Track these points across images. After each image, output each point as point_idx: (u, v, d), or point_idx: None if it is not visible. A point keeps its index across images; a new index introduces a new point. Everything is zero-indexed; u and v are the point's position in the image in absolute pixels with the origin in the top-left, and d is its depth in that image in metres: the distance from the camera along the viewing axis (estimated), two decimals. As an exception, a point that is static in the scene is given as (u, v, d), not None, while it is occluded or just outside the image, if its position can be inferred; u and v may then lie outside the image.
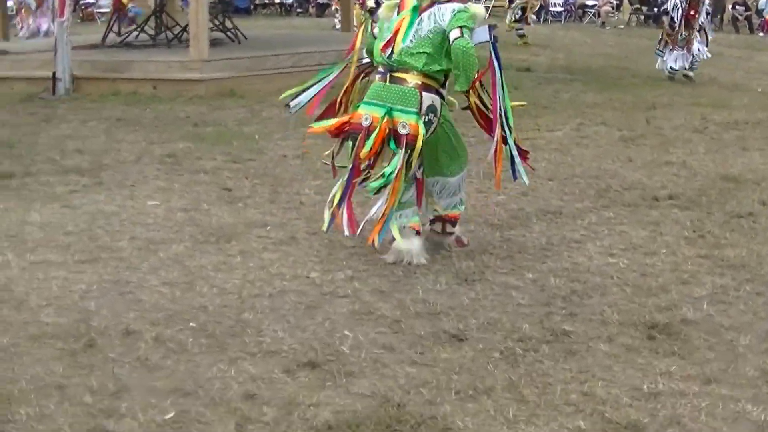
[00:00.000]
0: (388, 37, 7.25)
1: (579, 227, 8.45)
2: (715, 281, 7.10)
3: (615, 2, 39.67)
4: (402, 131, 7.07)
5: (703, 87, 18.62)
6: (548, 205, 9.18)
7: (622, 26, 36.96)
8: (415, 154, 7.13)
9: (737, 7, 34.28)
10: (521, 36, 27.38)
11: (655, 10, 36.81)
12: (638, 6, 38.66)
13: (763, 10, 35.21)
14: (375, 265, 7.32)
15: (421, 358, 5.67)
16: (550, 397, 5.20)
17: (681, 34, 19.04)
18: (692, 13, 18.93)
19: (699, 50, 19.12)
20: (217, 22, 20.57)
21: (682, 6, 19.04)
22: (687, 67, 19.20)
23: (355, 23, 22.89)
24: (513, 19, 27.51)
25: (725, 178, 10.48)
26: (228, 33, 20.63)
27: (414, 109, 7.10)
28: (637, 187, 9.95)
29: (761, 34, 34.09)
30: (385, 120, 7.08)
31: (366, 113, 7.19)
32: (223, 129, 13.17)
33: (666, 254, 7.70)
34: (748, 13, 34.55)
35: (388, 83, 7.23)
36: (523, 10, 27.40)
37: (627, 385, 5.36)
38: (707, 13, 19.56)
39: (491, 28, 7.56)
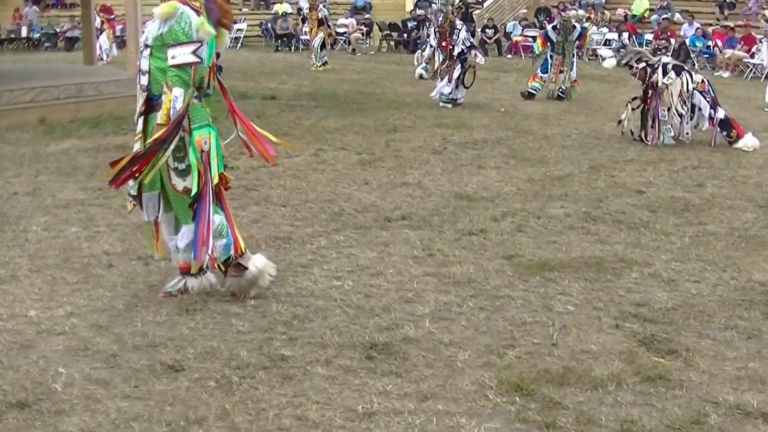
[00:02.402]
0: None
1: (307, 252, 8.49)
2: (438, 298, 7.23)
3: (365, 29, 39.92)
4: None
5: (447, 109, 18.84)
6: (278, 231, 9.19)
7: (372, 52, 37.22)
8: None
9: (486, 30, 35.02)
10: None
11: (405, 35, 37.46)
12: (389, 32, 39.02)
13: (511, 33, 36.13)
14: (97, 300, 7.18)
15: (134, 392, 5.59)
16: (263, 423, 5.21)
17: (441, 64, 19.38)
18: (443, 44, 19.22)
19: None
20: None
21: (435, 36, 19.49)
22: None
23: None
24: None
25: (459, 197, 10.71)
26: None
27: None
28: (370, 210, 10.05)
29: (509, 56, 34.91)
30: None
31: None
32: (-48, 169, 12.70)
33: (392, 274, 7.80)
34: (497, 35, 35.37)
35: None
36: None
37: (342, 406, 5.41)
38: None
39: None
